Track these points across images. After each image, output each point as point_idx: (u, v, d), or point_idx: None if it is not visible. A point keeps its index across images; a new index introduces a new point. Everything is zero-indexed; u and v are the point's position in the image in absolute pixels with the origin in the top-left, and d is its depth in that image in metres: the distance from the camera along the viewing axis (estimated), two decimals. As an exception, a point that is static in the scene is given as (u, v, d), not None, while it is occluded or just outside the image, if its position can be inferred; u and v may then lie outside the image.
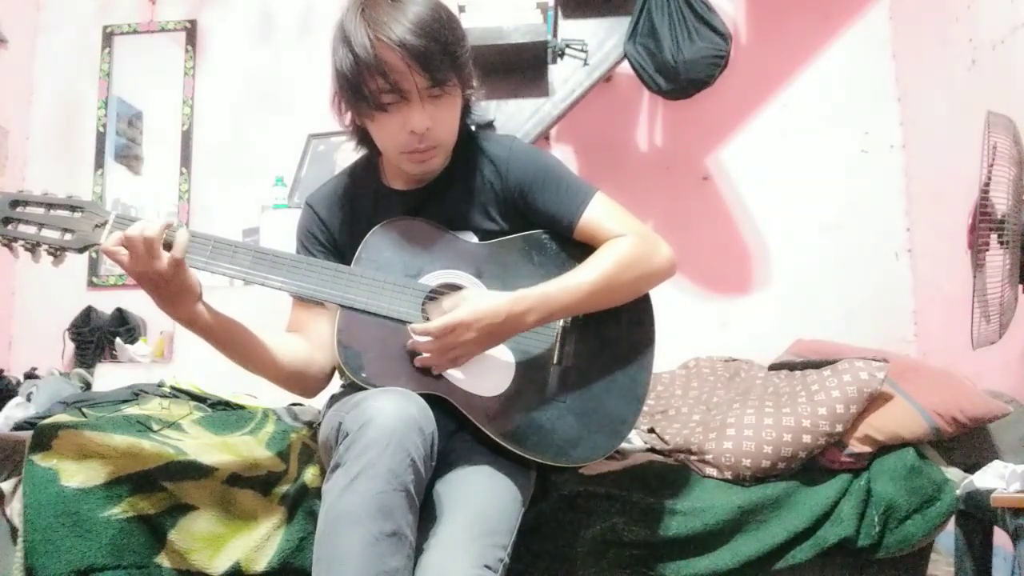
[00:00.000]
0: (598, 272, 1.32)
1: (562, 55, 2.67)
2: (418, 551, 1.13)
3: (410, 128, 1.26)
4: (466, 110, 1.38)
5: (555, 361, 1.36)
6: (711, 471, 1.58)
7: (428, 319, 1.31)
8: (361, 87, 1.24)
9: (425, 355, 1.27)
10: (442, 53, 1.23)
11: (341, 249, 1.42)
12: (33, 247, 1.21)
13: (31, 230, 1.21)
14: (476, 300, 1.27)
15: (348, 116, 1.35)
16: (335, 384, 1.45)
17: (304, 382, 1.37)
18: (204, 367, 1.38)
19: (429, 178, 1.40)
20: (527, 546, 1.39)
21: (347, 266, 1.32)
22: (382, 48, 1.21)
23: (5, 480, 1.45)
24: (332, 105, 1.34)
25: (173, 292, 1.20)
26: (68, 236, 1.22)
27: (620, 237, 1.35)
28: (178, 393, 1.86)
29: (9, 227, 1.21)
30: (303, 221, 1.46)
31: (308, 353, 1.36)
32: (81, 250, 1.22)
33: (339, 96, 1.31)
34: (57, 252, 1.22)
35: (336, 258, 1.40)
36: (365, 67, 1.22)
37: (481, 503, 1.22)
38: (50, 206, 1.23)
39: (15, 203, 1.22)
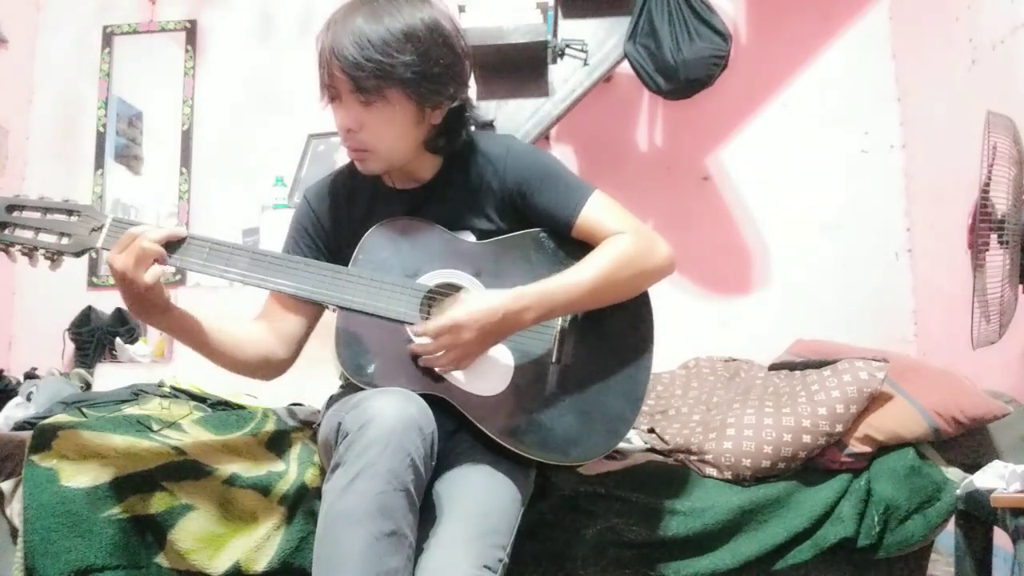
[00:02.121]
0: (597, 269, 1.32)
1: (562, 55, 2.66)
2: (417, 551, 1.13)
3: (337, 124, 1.31)
4: (451, 127, 1.36)
5: (554, 360, 1.36)
6: (711, 471, 1.57)
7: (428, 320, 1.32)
8: (319, 77, 1.30)
9: (427, 357, 1.27)
10: (370, 64, 1.23)
11: (332, 245, 1.42)
12: (30, 251, 1.21)
13: (28, 234, 1.21)
14: (473, 300, 1.27)
15: None
16: (335, 384, 1.45)
17: (261, 372, 1.40)
18: (204, 367, 1.38)
19: (426, 178, 1.40)
20: (527, 546, 1.39)
21: (345, 267, 1.32)
22: (325, 45, 1.27)
23: (5, 480, 1.45)
24: None
25: (145, 301, 1.21)
26: (65, 240, 1.22)
27: (619, 234, 1.35)
28: (178, 393, 1.85)
29: (6, 232, 1.21)
30: (298, 214, 1.47)
31: (268, 347, 1.38)
32: (78, 254, 1.22)
33: None
34: (54, 256, 1.22)
35: (325, 253, 1.42)
36: (319, 60, 1.29)
37: (481, 503, 1.22)
38: (46, 210, 1.22)
39: (11, 208, 1.21)
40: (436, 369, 1.29)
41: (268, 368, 1.39)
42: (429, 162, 1.40)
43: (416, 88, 1.27)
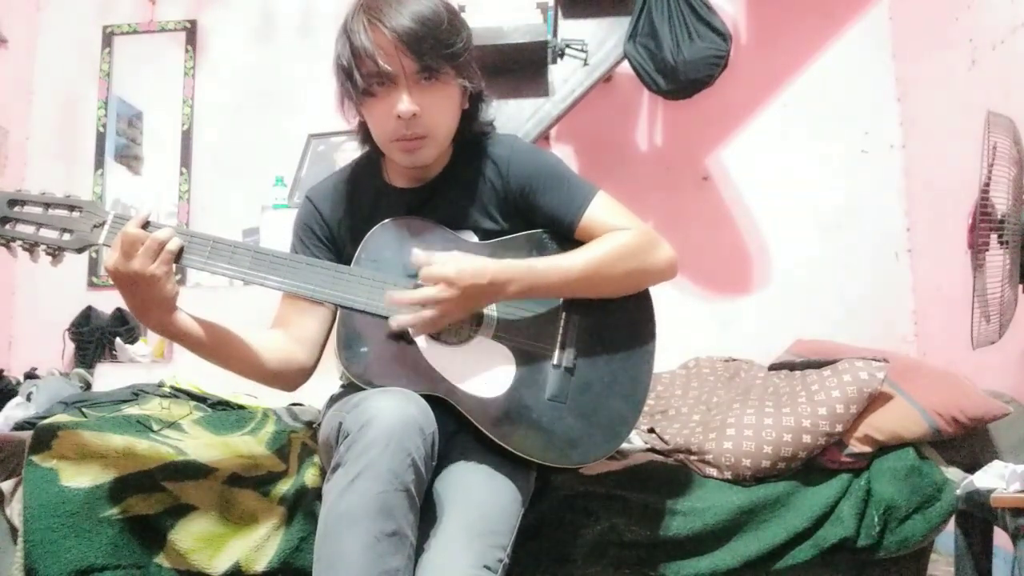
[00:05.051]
0: (590, 257, 1.32)
1: (562, 55, 2.67)
2: (417, 551, 1.12)
3: (396, 112, 1.27)
4: (473, 113, 1.39)
5: (555, 363, 1.36)
6: (711, 471, 1.58)
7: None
8: (354, 72, 1.26)
9: (404, 318, 1.25)
10: (434, 41, 1.24)
11: (339, 245, 1.42)
12: (31, 247, 1.21)
13: (29, 230, 1.21)
14: (462, 258, 1.26)
15: (353, 112, 1.36)
16: (335, 384, 1.45)
17: (283, 379, 1.37)
18: (204, 367, 1.38)
19: (430, 176, 1.40)
20: (527, 546, 1.39)
21: (347, 266, 1.32)
22: (375, 32, 1.24)
23: (5, 480, 1.45)
24: (338, 104, 1.36)
25: (151, 298, 1.19)
26: (66, 236, 1.21)
27: (620, 230, 1.36)
28: (178, 393, 1.86)
29: (7, 227, 1.21)
30: (302, 214, 1.46)
31: (288, 352, 1.36)
32: (79, 250, 1.22)
33: (339, 89, 1.33)
34: (55, 252, 1.22)
35: (333, 254, 1.41)
36: (360, 50, 1.25)
37: (481, 503, 1.21)
38: (48, 205, 1.22)
39: (13, 202, 1.21)
40: (411, 331, 1.27)
41: (290, 374, 1.37)
42: (443, 154, 1.40)
43: (464, 67, 1.30)
